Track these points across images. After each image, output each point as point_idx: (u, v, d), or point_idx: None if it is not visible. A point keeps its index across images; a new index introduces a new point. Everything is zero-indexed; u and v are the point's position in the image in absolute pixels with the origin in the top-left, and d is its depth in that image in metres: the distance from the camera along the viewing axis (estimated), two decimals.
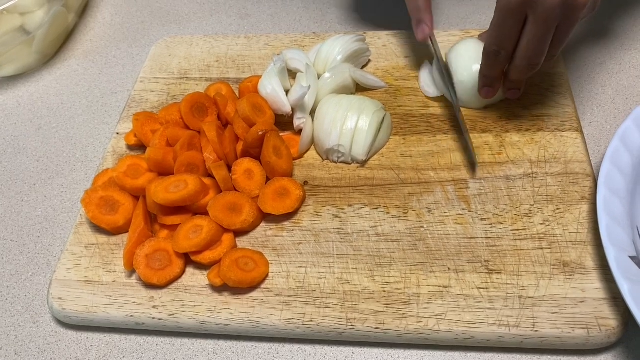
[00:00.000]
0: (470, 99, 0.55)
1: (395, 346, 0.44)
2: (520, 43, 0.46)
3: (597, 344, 0.41)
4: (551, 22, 0.44)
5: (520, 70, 0.49)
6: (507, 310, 0.42)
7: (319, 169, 0.53)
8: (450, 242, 0.47)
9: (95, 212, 0.49)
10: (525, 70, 0.48)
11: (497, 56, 0.48)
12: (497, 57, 0.48)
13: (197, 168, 0.51)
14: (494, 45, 0.48)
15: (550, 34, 0.45)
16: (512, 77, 0.51)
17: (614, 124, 0.56)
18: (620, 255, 0.40)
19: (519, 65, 0.48)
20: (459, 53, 0.55)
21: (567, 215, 0.47)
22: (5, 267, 0.52)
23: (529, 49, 0.46)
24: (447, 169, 0.51)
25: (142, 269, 0.46)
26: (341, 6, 0.74)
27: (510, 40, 0.47)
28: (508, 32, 0.46)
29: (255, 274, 0.45)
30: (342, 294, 0.44)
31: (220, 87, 0.59)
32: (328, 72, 0.56)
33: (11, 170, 0.61)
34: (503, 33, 0.46)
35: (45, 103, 0.67)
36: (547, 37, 0.45)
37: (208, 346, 0.46)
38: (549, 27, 0.44)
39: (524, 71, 0.48)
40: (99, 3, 0.80)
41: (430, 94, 0.57)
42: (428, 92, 0.57)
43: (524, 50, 0.46)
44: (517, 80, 0.52)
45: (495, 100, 0.55)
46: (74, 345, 0.47)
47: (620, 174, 0.45)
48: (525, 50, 0.46)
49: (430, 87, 0.57)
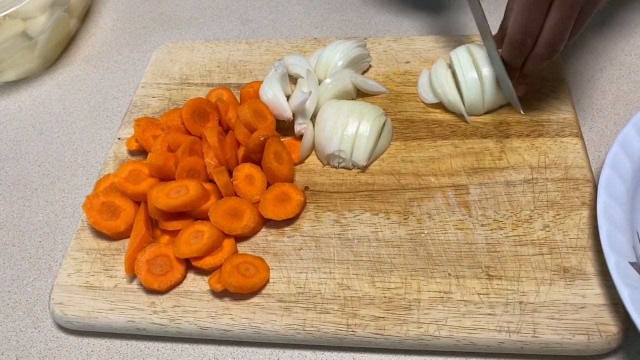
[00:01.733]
0: (471, 104, 0.55)
1: (396, 352, 0.44)
2: (544, 28, 0.47)
3: (597, 350, 0.41)
4: (576, 5, 0.45)
5: (539, 59, 0.49)
6: (507, 316, 0.42)
7: (319, 175, 0.53)
8: (450, 248, 0.47)
9: (97, 217, 0.50)
10: (545, 58, 0.48)
11: (522, 45, 0.48)
12: (523, 46, 0.49)
13: (198, 173, 0.51)
14: (519, 34, 0.48)
15: (573, 17, 0.46)
16: (529, 68, 0.51)
17: (614, 130, 0.56)
18: (620, 261, 0.40)
19: (539, 53, 0.48)
20: (459, 58, 0.55)
21: (567, 221, 0.47)
22: (6, 272, 0.53)
23: (553, 32, 0.46)
24: (447, 174, 0.52)
25: (143, 274, 0.46)
26: (342, 12, 0.74)
27: (536, 27, 0.47)
28: (535, 18, 0.46)
29: (256, 279, 0.45)
30: (343, 300, 0.45)
31: (222, 93, 0.59)
32: (329, 78, 0.57)
33: (13, 175, 0.61)
34: (530, 19, 0.46)
35: (47, 108, 0.67)
36: (571, 20, 0.46)
37: (209, 352, 0.46)
38: (573, 10, 0.45)
39: (543, 59, 0.49)
40: (101, 8, 0.80)
41: (428, 100, 0.57)
42: (425, 98, 0.57)
43: (547, 35, 0.47)
44: (531, 74, 0.53)
45: (495, 105, 0.55)
46: (75, 350, 0.47)
47: (621, 180, 0.45)
48: (549, 35, 0.46)
49: (427, 94, 0.57)
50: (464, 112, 0.55)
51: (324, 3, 0.76)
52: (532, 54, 0.49)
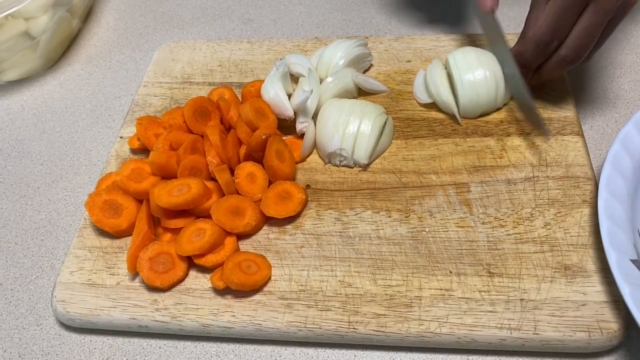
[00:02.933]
0: (465, 106, 0.54)
1: (397, 349, 0.44)
2: (573, 31, 0.47)
3: (598, 347, 0.41)
4: (609, 13, 0.45)
5: (561, 62, 0.49)
6: (508, 313, 0.42)
7: (321, 173, 0.54)
8: (451, 246, 0.47)
9: (99, 215, 0.50)
10: (567, 63, 0.48)
11: (547, 46, 0.49)
12: (547, 47, 0.49)
13: (200, 172, 0.51)
14: (547, 35, 0.48)
15: (604, 24, 0.46)
16: (547, 71, 0.51)
17: (614, 128, 0.56)
18: (621, 259, 0.40)
19: (563, 55, 0.48)
20: (456, 60, 0.55)
21: (568, 219, 0.47)
22: (9, 270, 0.53)
23: (581, 37, 0.47)
24: (448, 172, 0.52)
25: (145, 272, 0.46)
26: (343, 11, 0.75)
27: (566, 30, 0.47)
28: (567, 21, 0.47)
29: (258, 277, 0.46)
30: (344, 297, 0.45)
31: (223, 92, 0.59)
32: (330, 77, 0.57)
33: (15, 174, 0.61)
34: (562, 21, 0.47)
35: (50, 107, 0.68)
36: (601, 27, 0.46)
37: (211, 349, 0.46)
38: (606, 17, 0.46)
39: (565, 63, 0.49)
40: (103, 8, 0.81)
41: (422, 100, 0.57)
42: (420, 98, 0.57)
43: (576, 39, 0.47)
44: (546, 79, 0.53)
45: (490, 109, 0.55)
46: (78, 348, 0.47)
47: (621, 178, 0.45)
48: (577, 39, 0.47)
49: (422, 94, 0.57)
50: (456, 113, 0.55)
51: (325, 2, 0.76)
52: (556, 56, 0.49)
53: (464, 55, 0.55)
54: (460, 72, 0.54)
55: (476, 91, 0.53)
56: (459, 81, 0.54)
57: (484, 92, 0.53)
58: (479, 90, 0.53)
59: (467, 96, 0.54)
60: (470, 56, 0.55)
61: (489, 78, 0.53)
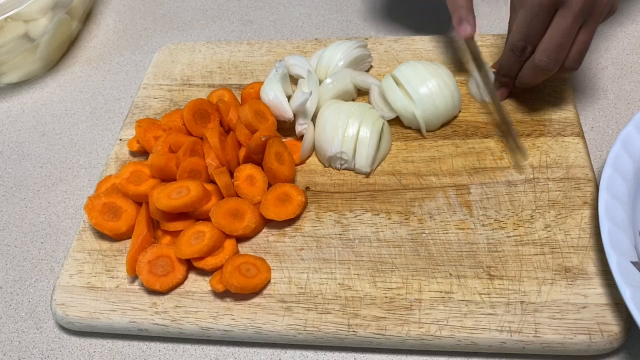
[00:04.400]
0: (427, 119, 0.54)
1: (397, 352, 0.44)
2: (545, 36, 0.48)
3: (599, 350, 0.41)
4: (579, 17, 0.46)
5: (536, 68, 0.49)
6: (508, 316, 0.42)
7: (320, 175, 0.54)
8: (451, 248, 0.47)
9: (98, 218, 0.50)
10: (542, 68, 0.48)
11: (522, 52, 0.50)
12: (522, 53, 0.50)
13: (199, 174, 0.51)
14: (521, 41, 0.49)
15: (574, 29, 0.46)
16: (524, 78, 0.52)
17: (615, 129, 0.56)
18: (622, 261, 0.40)
19: (538, 61, 0.48)
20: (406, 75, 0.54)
21: (568, 221, 0.47)
22: (9, 273, 0.53)
23: (552, 41, 0.47)
24: (448, 174, 0.52)
25: (144, 275, 0.46)
26: (343, 12, 0.75)
27: (538, 35, 0.48)
28: (538, 26, 0.47)
29: (257, 279, 0.45)
30: (344, 300, 0.45)
31: (223, 94, 0.59)
32: (329, 78, 0.57)
33: (15, 177, 0.61)
34: (533, 27, 0.48)
35: (49, 110, 0.68)
36: (572, 31, 0.46)
37: (210, 352, 0.46)
38: (576, 22, 0.46)
39: (540, 70, 0.49)
40: (103, 10, 0.81)
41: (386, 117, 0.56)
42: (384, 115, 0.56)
43: (547, 43, 0.47)
44: (525, 87, 0.54)
45: (449, 117, 0.55)
46: (77, 351, 0.47)
47: (622, 179, 0.45)
48: (548, 43, 0.47)
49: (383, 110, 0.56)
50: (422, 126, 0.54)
51: (324, 4, 0.76)
52: (530, 61, 0.50)
53: (412, 69, 0.54)
54: (413, 86, 0.53)
55: (434, 103, 0.53)
56: (415, 95, 0.53)
57: (442, 103, 0.53)
58: (437, 101, 0.53)
59: (427, 110, 0.53)
60: (418, 69, 0.54)
61: (443, 88, 0.53)
